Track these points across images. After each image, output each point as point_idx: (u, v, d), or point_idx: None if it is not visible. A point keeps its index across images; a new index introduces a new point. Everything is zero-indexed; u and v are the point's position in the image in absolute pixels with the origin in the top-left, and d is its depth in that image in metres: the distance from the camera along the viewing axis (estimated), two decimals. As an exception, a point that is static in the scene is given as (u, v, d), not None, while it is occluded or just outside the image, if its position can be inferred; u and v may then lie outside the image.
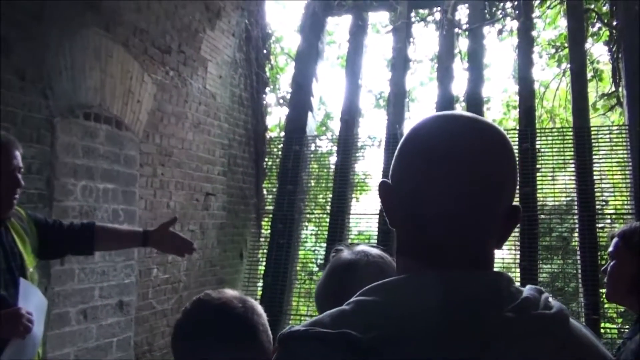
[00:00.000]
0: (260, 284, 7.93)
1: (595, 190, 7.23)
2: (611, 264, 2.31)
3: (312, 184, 8.70)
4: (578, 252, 7.15)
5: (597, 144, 7.45)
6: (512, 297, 0.92)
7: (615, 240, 2.32)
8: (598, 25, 8.71)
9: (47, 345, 4.29)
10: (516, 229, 7.21)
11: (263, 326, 1.60)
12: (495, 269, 1.01)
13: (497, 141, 1.01)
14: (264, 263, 7.94)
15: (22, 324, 2.45)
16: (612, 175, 7.60)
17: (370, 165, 8.62)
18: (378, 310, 0.91)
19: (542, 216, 7.77)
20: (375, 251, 1.73)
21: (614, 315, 7.47)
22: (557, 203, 8.14)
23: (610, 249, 2.34)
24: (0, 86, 3.99)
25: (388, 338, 0.85)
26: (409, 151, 1.04)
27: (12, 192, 2.60)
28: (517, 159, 6.25)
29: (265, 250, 8.02)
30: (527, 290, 0.96)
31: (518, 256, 7.25)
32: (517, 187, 5.49)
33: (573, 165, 7.45)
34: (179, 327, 1.63)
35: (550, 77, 10.08)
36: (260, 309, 1.65)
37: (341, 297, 1.03)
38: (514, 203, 1.03)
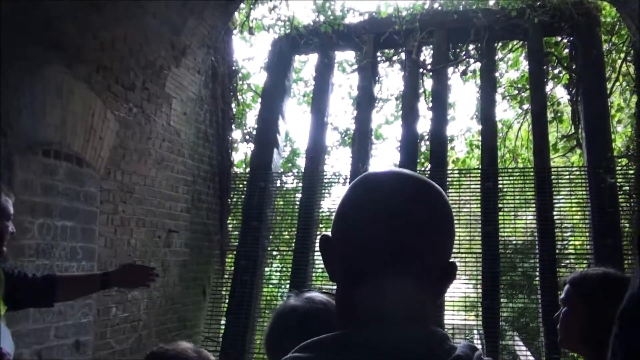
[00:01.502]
0: (223, 321, 7.84)
1: (556, 230, 7.34)
2: (563, 310, 2.31)
3: (277, 221, 8.69)
4: (539, 292, 7.23)
5: (557, 185, 7.59)
6: (445, 354, 0.93)
7: (566, 287, 2.32)
8: (558, 68, 8.93)
9: (-2, 388, 4.17)
10: (479, 267, 7.27)
11: None
12: (432, 327, 1.02)
13: (434, 200, 1.03)
14: (227, 300, 7.86)
15: None
16: (572, 215, 7.73)
17: (336, 202, 8.62)
18: None
19: (507, 253, 7.85)
20: (321, 298, 1.74)
21: (575, 354, 7.51)
22: (519, 241, 8.25)
23: (562, 295, 2.33)
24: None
25: None
26: (348, 207, 1.06)
27: (1, 241, 2.59)
28: (480, 198, 6.32)
29: (229, 288, 7.95)
30: (460, 348, 0.96)
31: (481, 293, 7.29)
32: (480, 225, 5.49)
33: (534, 205, 7.56)
34: None
35: (513, 118, 10.28)
36: (213, 359, 1.64)
37: (281, 344, 1.04)
38: (451, 260, 1.05)
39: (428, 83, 8.96)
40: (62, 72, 4.95)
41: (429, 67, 8.85)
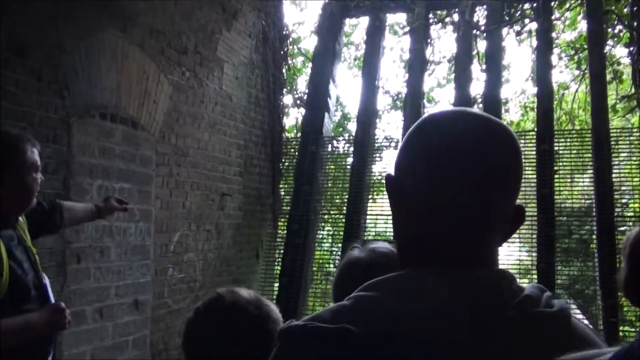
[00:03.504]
0: (276, 284, 7.94)
1: (615, 193, 7.14)
2: None
3: (329, 185, 8.70)
4: (596, 256, 7.08)
5: (616, 147, 7.37)
6: (514, 295, 0.91)
7: None
8: (618, 27, 8.61)
9: (63, 344, 4.33)
10: (534, 231, 7.16)
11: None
12: (499, 268, 1.00)
13: (503, 140, 0.99)
14: (280, 263, 7.95)
15: (67, 318, 2.49)
16: (632, 178, 7.51)
17: (387, 167, 8.58)
18: (377, 306, 0.91)
19: (562, 218, 7.69)
20: (384, 249, 1.74)
21: (633, 318, 7.38)
22: (576, 205, 8.07)
23: None
24: (17, 87, 4.05)
25: (386, 334, 0.85)
26: (412, 144, 1.03)
27: (31, 191, 2.57)
28: (535, 161, 6.17)
29: (281, 251, 8.03)
30: (529, 288, 0.94)
31: (535, 258, 7.18)
32: (535, 189, 5.40)
33: (592, 168, 7.37)
34: (190, 326, 1.59)
35: (570, 79, 10.00)
36: (276, 314, 1.59)
37: (346, 294, 1.03)
38: (518, 203, 1.01)
39: (482, 44, 8.75)
40: (116, 36, 5.02)
41: (482, 28, 8.65)
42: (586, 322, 7.39)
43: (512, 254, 7.73)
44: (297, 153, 8.48)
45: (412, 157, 1.02)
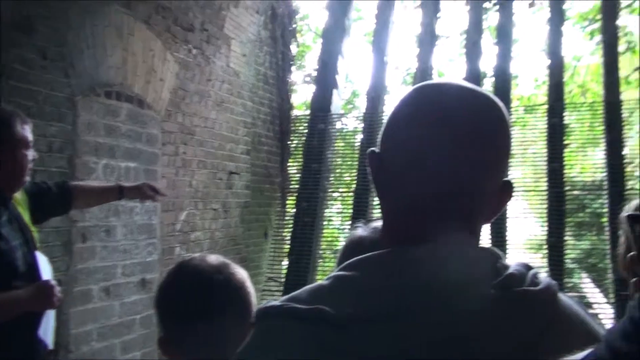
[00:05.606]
0: (285, 262, 7.94)
1: (626, 166, 7.07)
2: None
3: (338, 163, 8.66)
4: (607, 229, 7.02)
5: (629, 119, 7.27)
6: (497, 274, 0.87)
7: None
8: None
9: (70, 322, 4.35)
10: (543, 205, 7.11)
11: (240, 297, 1.51)
12: (483, 245, 0.97)
13: (488, 111, 0.96)
14: (289, 242, 7.94)
15: (55, 295, 2.49)
16: (645, 151, 7.42)
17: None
18: (355, 286, 0.88)
19: (574, 192, 7.63)
20: None
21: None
22: (588, 179, 8.00)
23: None
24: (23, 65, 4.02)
25: (363, 315, 0.82)
26: (395, 118, 1.00)
27: (22, 169, 2.54)
28: (546, 134, 6.08)
29: (290, 229, 8.02)
30: (514, 266, 0.90)
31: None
32: (545, 163, 5.33)
33: (604, 141, 7.28)
34: (159, 289, 1.60)
35: (583, 51, 9.88)
36: (238, 278, 1.55)
37: None
38: (506, 178, 0.98)
39: (493, 17, 8.62)
40: (121, 12, 4.97)
41: (494, 0, 8.52)
42: (599, 294, 7.36)
43: (525, 229, 7.69)
44: (305, 131, 8.43)
45: (394, 132, 0.99)
